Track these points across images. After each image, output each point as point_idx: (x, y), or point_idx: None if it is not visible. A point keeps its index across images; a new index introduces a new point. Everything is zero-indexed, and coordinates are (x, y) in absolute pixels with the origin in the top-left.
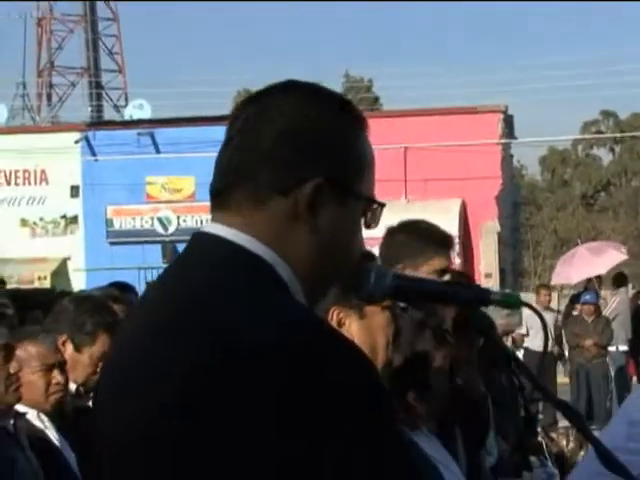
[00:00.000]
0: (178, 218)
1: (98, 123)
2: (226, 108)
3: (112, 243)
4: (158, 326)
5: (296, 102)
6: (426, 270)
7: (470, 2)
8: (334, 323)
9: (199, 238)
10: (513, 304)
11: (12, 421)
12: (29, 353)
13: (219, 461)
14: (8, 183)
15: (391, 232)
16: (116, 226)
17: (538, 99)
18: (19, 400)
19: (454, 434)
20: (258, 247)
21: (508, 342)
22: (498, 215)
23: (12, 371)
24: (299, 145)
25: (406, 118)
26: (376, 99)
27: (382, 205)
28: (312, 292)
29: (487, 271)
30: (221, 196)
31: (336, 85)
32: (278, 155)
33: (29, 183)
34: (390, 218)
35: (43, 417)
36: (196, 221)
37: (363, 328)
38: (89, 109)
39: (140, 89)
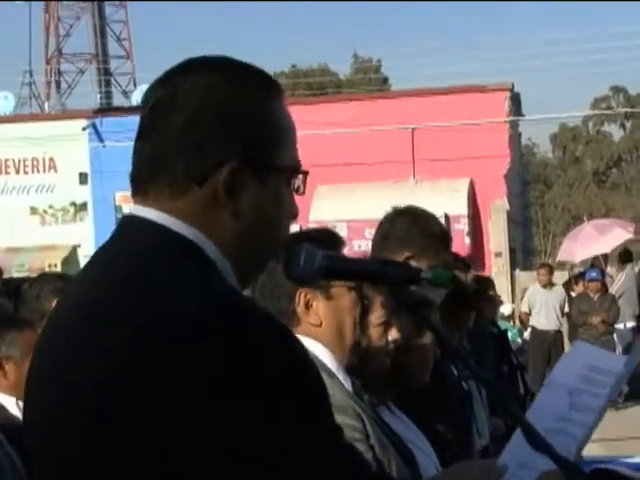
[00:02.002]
0: None
1: (105, 109)
2: None
3: None
4: (84, 310)
5: (201, 82)
6: (427, 265)
7: None
8: (301, 305)
9: (127, 221)
10: (444, 282)
11: None
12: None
13: (150, 434)
14: (17, 172)
15: (393, 218)
16: (125, 212)
17: (546, 76)
18: None
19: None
20: (184, 228)
21: (515, 322)
22: (507, 194)
23: None
24: (209, 129)
25: (413, 98)
26: (385, 79)
27: (305, 173)
28: (244, 271)
29: (497, 250)
30: (139, 186)
31: (345, 66)
32: (189, 142)
33: (38, 171)
34: (399, 198)
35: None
36: None
37: (330, 309)
38: (98, 96)
39: (149, 74)
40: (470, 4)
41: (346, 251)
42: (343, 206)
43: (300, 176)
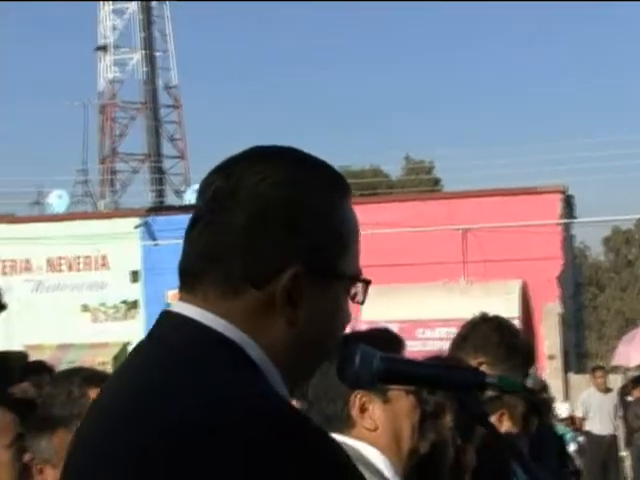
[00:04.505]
0: None
1: (157, 208)
2: None
3: None
4: (113, 414)
5: (268, 177)
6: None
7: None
8: (356, 408)
9: (165, 317)
10: (511, 388)
11: None
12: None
13: None
14: (70, 269)
15: (477, 322)
16: (167, 308)
17: (600, 179)
18: None
19: None
20: (230, 329)
21: (569, 426)
22: (560, 296)
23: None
24: (274, 230)
25: (466, 199)
26: (437, 181)
27: (368, 282)
28: (291, 378)
29: (550, 353)
30: (189, 279)
31: (396, 167)
32: (250, 242)
33: (90, 269)
34: (450, 299)
35: None
36: None
37: (387, 413)
38: (150, 195)
39: (202, 174)
40: (523, 106)
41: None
42: (394, 307)
43: (360, 285)
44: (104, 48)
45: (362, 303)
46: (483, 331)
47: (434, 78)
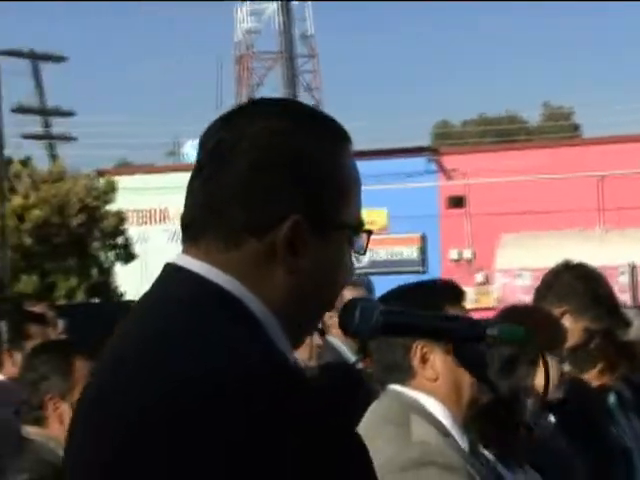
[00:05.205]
0: (370, 250)
1: None
2: (422, 139)
3: None
4: (120, 362)
5: (271, 126)
6: (583, 326)
7: None
8: (418, 358)
9: (167, 269)
10: (512, 338)
11: None
12: None
13: None
14: None
15: (560, 271)
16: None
17: None
18: None
19: None
20: (225, 279)
21: None
22: None
23: None
24: (276, 179)
25: (601, 146)
26: (576, 127)
27: (370, 232)
28: (293, 329)
29: None
30: (190, 231)
31: (534, 114)
32: (252, 191)
33: None
34: (586, 247)
35: None
36: (389, 253)
37: (448, 364)
38: None
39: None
40: None
41: (528, 300)
42: (528, 254)
43: (364, 235)
44: None
45: (364, 254)
46: (567, 279)
47: (574, 22)
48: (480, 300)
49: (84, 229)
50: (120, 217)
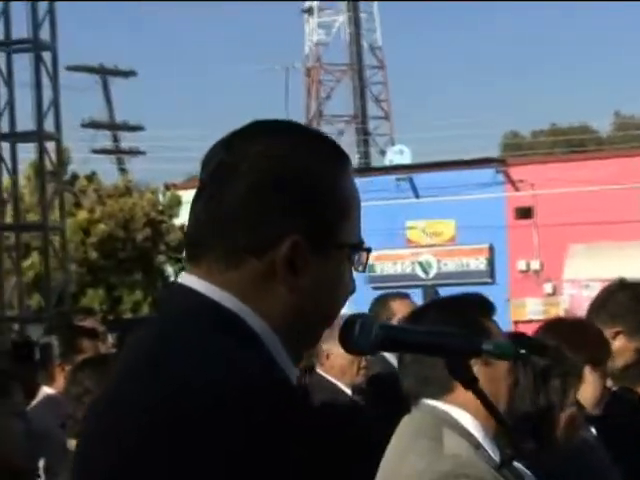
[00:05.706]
0: (438, 262)
1: (357, 170)
2: (489, 151)
3: (374, 288)
4: (126, 371)
5: (269, 150)
6: (635, 346)
7: None
8: None
9: (172, 288)
10: (506, 355)
11: None
12: None
13: None
14: None
15: (615, 289)
16: (377, 271)
17: None
18: None
19: None
20: (224, 297)
21: None
22: None
23: None
24: (274, 200)
25: None
26: None
27: (368, 250)
28: (294, 346)
29: None
30: (194, 251)
31: (605, 123)
32: (251, 212)
33: None
34: None
35: None
36: (457, 265)
37: (486, 376)
38: (356, 156)
39: (406, 134)
40: None
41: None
42: (597, 265)
43: (363, 253)
44: (309, 11)
45: (363, 271)
46: (620, 299)
47: None
48: (548, 311)
49: (149, 243)
50: (185, 231)
